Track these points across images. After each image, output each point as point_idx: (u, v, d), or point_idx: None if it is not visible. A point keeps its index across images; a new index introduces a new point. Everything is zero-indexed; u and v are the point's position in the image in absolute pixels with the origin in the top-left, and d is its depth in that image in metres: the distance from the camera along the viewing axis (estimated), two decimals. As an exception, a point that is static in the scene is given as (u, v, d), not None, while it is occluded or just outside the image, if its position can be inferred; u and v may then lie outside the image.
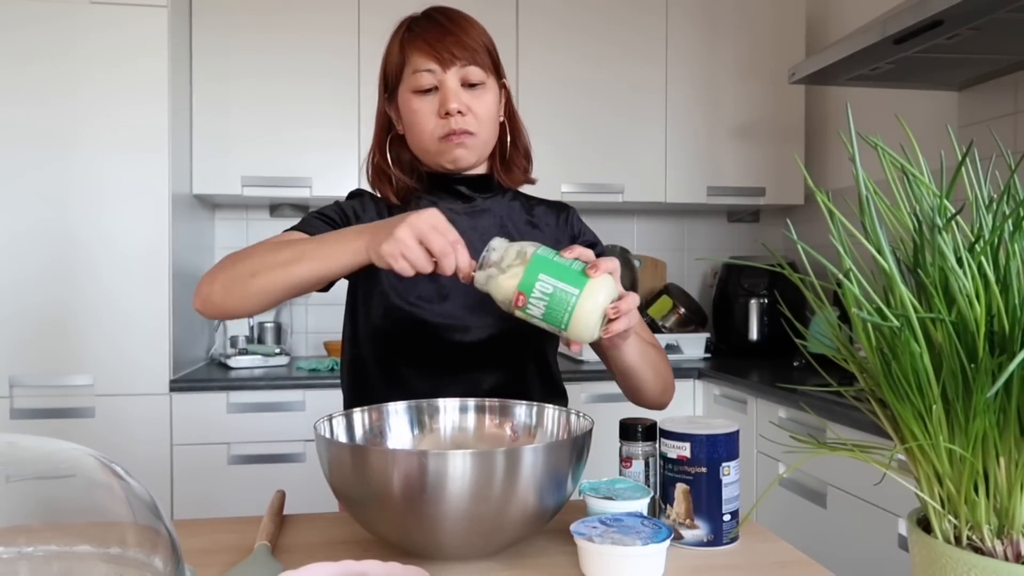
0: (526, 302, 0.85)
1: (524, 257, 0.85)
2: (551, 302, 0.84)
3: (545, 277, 0.84)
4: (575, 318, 0.84)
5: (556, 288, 0.84)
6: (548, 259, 0.85)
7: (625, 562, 0.75)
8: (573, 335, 0.86)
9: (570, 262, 0.85)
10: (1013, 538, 0.52)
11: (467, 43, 1.08)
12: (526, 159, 1.21)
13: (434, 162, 1.13)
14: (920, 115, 2.36)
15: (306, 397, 2.28)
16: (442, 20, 1.10)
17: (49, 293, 2.16)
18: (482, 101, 1.09)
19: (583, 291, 0.84)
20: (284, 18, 2.49)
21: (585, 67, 2.68)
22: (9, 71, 2.14)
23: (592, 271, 0.84)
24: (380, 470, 0.75)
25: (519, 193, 1.24)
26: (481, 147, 1.12)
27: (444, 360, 1.12)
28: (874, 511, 1.67)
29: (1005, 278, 0.51)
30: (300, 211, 2.84)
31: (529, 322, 0.87)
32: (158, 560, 0.50)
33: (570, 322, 0.84)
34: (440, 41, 1.07)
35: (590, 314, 0.84)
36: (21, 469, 0.50)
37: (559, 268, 0.85)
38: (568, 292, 0.83)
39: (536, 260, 0.85)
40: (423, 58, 1.07)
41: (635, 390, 1.10)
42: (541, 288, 0.84)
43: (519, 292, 0.84)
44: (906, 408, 0.54)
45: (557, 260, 0.85)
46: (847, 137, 0.57)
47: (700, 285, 3.16)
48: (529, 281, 0.84)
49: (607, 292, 0.85)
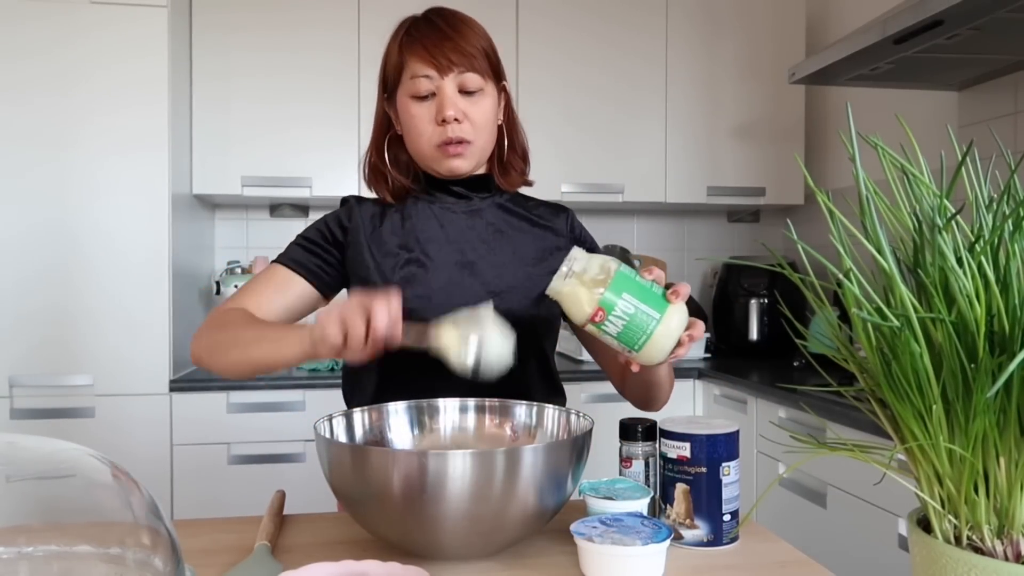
0: (604, 319, 0.83)
1: (608, 272, 0.84)
2: (630, 323, 0.83)
3: (629, 297, 0.83)
4: (651, 342, 0.83)
5: (638, 310, 0.83)
6: (631, 278, 0.84)
7: (625, 562, 0.75)
8: (644, 358, 0.85)
9: (651, 284, 0.84)
10: (1013, 538, 0.52)
11: (465, 49, 1.07)
12: (524, 161, 1.21)
13: (431, 168, 1.14)
14: (920, 115, 2.36)
15: (306, 397, 2.28)
16: (441, 24, 1.09)
17: (49, 293, 2.16)
18: (479, 108, 1.09)
19: (663, 316, 0.83)
20: (284, 17, 2.49)
21: (585, 67, 2.68)
22: (9, 70, 2.14)
23: (673, 296, 0.84)
24: (380, 470, 0.75)
25: (517, 193, 1.24)
26: (478, 154, 1.12)
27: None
28: (874, 511, 1.67)
29: (1005, 278, 0.51)
30: (300, 211, 2.84)
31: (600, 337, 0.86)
32: (158, 560, 0.50)
33: (645, 345, 0.84)
34: (438, 47, 1.07)
35: (668, 339, 0.83)
36: (21, 469, 0.50)
37: (642, 289, 0.83)
38: (649, 316, 0.83)
39: (619, 278, 0.83)
40: (421, 64, 1.07)
41: (648, 401, 1.11)
42: (623, 308, 0.82)
43: (600, 308, 0.83)
44: (906, 408, 0.54)
45: (639, 281, 0.84)
46: (847, 137, 0.57)
47: (700, 285, 3.16)
48: (612, 299, 0.83)
49: (681, 318, 0.85)
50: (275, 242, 2.82)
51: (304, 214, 2.85)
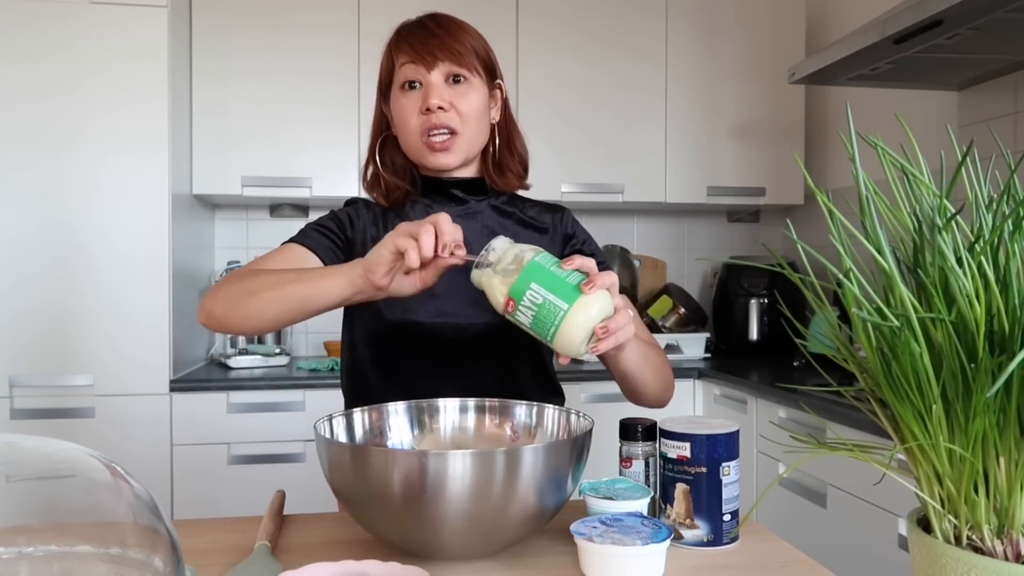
0: (515, 308, 0.84)
1: (520, 262, 0.84)
2: (539, 313, 0.83)
3: (537, 287, 0.83)
4: (561, 333, 0.83)
5: (546, 300, 0.82)
6: (544, 268, 0.84)
7: (625, 562, 0.75)
8: (559, 348, 0.85)
9: (567, 274, 0.84)
10: (1013, 538, 0.52)
11: (452, 46, 1.09)
12: (522, 166, 1.21)
13: (420, 163, 1.14)
14: (920, 115, 2.36)
15: (306, 397, 2.28)
16: (431, 25, 1.11)
17: (49, 293, 2.16)
18: (466, 99, 1.10)
19: (572, 306, 0.82)
20: (284, 18, 2.49)
21: (585, 67, 2.68)
22: (9, 71, 2.14)
23: (587, 287, 0.82)
24: (380, 470, 0.75)
25: (514, 195, 1.24)
26: (465, 146, 1.12)
27: (438, 358, 1.12)
28: (874, 511, 1.67)
29: (1005, 278, 0.51)
30: (300, 211, 2.84)
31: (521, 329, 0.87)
32: (158, 560, 0.50)
33: (556, 335, 0.83)
34: (424, 44, 1.08)
35: (577, 330, 0.83)
36: (21, 469, 0.50)
37: (553, 279, 0.83)
38: (557, 306, 0.82)
39: (531, 268, 0.83)
40: (408, 60, 1.09)
41: (635, 392, 1.10)
42: (531, 297, 0.83)
43: (509, 298, 0.84)
44: (906, 408, 0.54)
45: (553, 270, 0.84)
46: (847, 137, 0.57)
47: (700, 285, 3.16)
48: (520, 288, 0.83)
49: (599, 309, 0.83)
50: (275, 242, 2.79)
51: (304, 214, 2.85)
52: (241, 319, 0.97)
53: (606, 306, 0.84)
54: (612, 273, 0.85)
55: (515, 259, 0.85)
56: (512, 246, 0.87)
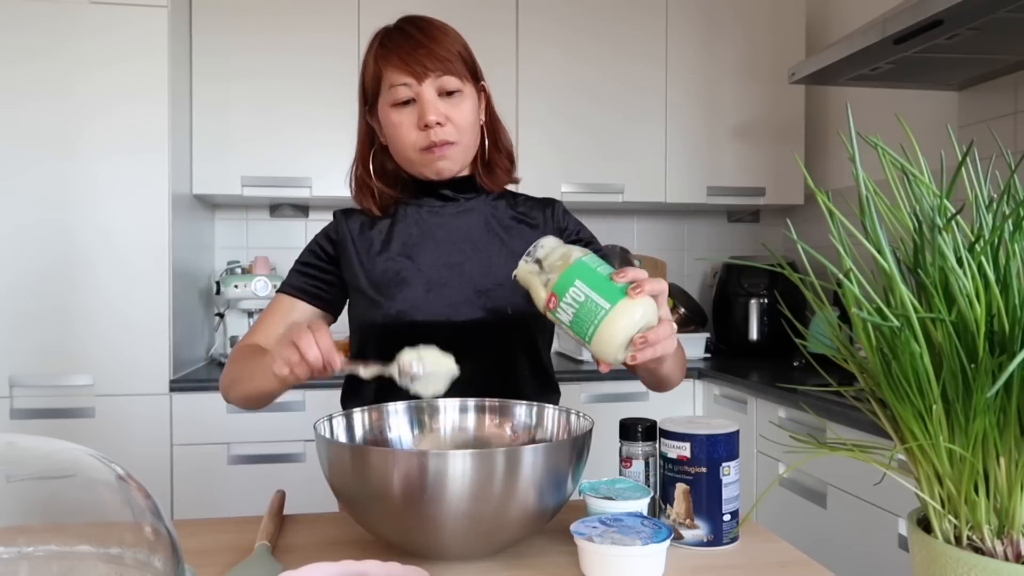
0: (557, 305, 0.82)
1: (567, 260, 0.83)
2: (580, 311, 0.81)
3: (581, 284, 0.81)
4: (600, 334, 0.80)
5: (588, 298, 0.80)
6: (589, 267, 0.82)
7: (625, 562, 0.75)
8: (596, 351, 0.82)
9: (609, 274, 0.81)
10: (1013, 538, 0.52)
11: (440, 54, 1.08)
12: (509, 160, 1.21)
13: (418, 172, 1.15)
14: (920, 115, 2.36)
15: (306, 397, 2.28)
16: (414, 32, 1.10)
17: (49, 293, 2.16)
18: (460, 109, 1.10)
19: (615, 307, 0.80)
20: (284, 18, 2.49)
21: (585, 67, 2.68)
22: (9, 71, 2.14)
23: (633, 290, 0.80)
24: (380, 470, 0.75)
25: (505, 191, 1.24)
26: (463, 154, 1.13)
27: None
28: (874, 511, 1.67)
29: (1005, 278, 0.51)
30: (300, 211, 2.84)
31: (561, 328, 0.85)
32: (158, 560, 0.50)
33: (594, 336, 0.80)
34: (412, 55, 1.08)
35: (617, 333, 0.80)
36: (21, 469, 0.50)
37: (598, 279, 0.81)
38: (599, 305, 0.80)
39: (577, 265, 0.82)
40: (398, 73, 1.08)
41: (659, 386, 1.10)
42: (574, 295, 0.81)
43: (552, 294, 0.82)
44: (906, 408, 0.54)
45: (599, 271, 0.82)
46: (847, 137, 0.57)
47: (700, 285, 3.16)
48: (564, 285, 0.81)
49: (642, 315, 0.81)
50: (275, 242, 2.82)
51: (304, 214, 2.85)
52: (237, 404, 1.14)
53: (650, 314, 0.82)
54: (663, 281, 0.84)
55: (562, 257, 0.84)
56: (560, 245, 0.86)
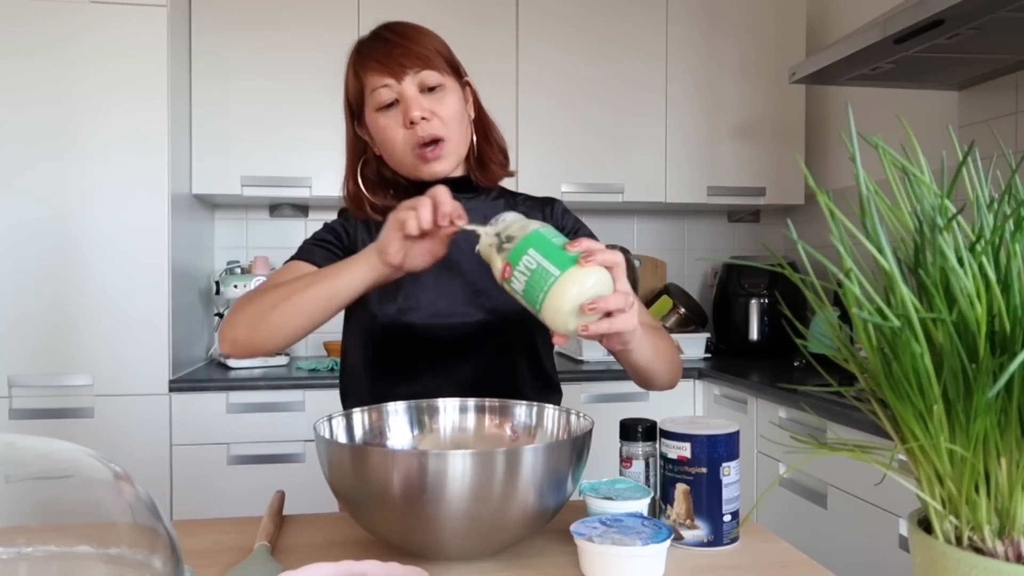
0: (511, 274, 0.83)
1: (522, 230, 0.84)
2: (531, 278, 0.81)
3: (534, 252, 0.81)
4: (548, 300, 0.80)
5: (540, 265, 0.81)
6: (544, 236, 0.83)
7: (625, 562, 0.75)
8: (547, 319, 0.82)
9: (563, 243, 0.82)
10: (1014, 538, 0.52)
11: (416, 51, 1.08)
12: (502, 154, 1.21)
13: (414, 176, 1.14)
14: (920, 115, 2.36)
15: (306, 397, 2.28)
16: (389, 36, 1.10)
17: (48, 293, 2.16)
18: (444, 103, 1.09)
19: (564, 274, 0.80)
20: (284, 17, 2.49)
21: (585, 66, 2.68)
22: (8, 70, 2.14)
23: (584, 258, 0.80)
24: (380, 470, 0.75)
25: (504, 191, 1.24)
26: (455, 150, 1.12)
27: (433, 357, 1.13)
28: (874, 511, 1.66)
29: (1006, 278, 0.51)
30: (300, 211, 2.84)
31: (516, 300, 0.85)
32: (158, 560, 0.50)
33: (544, 303, 0.80)
34: (389, 55, 1.08)
35: (565, 301, 0.80)
36: (20, 469, 0.50)
37: (551, 248, 0.82)
38: (549, 271, 0.80)
39: (532, 235, 0.83)
40: (377, 76, 1.08)
41: (647, 381, 1.10)
42: (527, 263, 0.81)
43: (507, 263, 0.83)
44: (907, 408, 0.54)
45: (554, 241, 0.83)
46: (847, 137, 0.57)
47: (700, 285, 3.16)
48: (518, 253, 0.82)
49: (594, 283, 0.80)
50: (275, 242, 2.82)
51: (304, 214, 2.85)
52: (268, 336, 0.96)
53: (603, 284, 0.81)
54: (618, 252, 0.83)
55: (520, 228, 0.85)
56: (520, 218, 0.87)
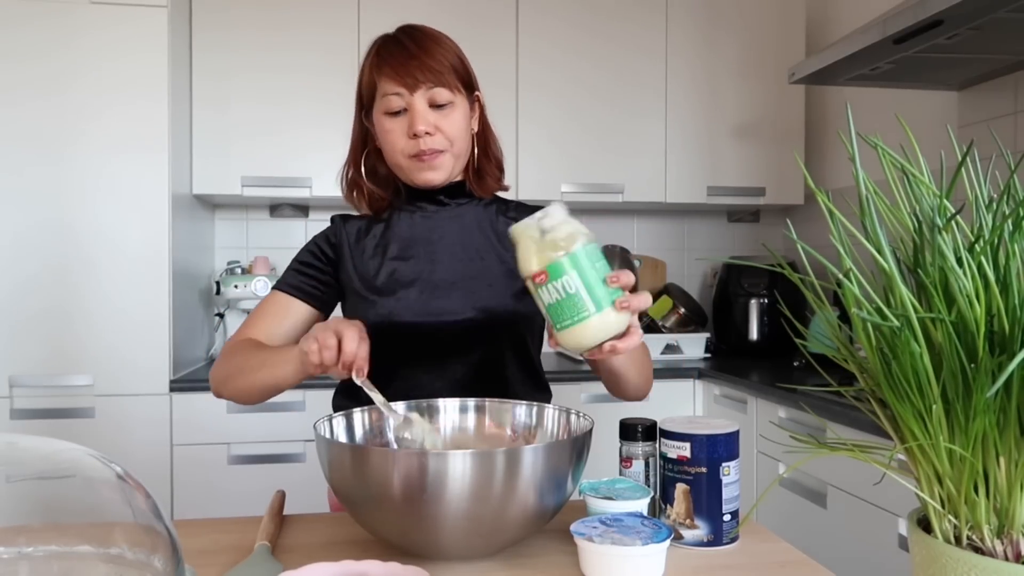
0: (544, 282, 0.81)
1: (572, 242, 0.81)
2: (564, 301, 0.80)
3: (575, 276, 0.80)
4: (573, 331, 0.81)
5: (577, 292, 0.80)
6: (591, 262, 0.81)
7: (625, 562, 0.75)
8: (563, 341, 0.83)
9: (604, 274, 0.82)
10: (1013, 538, 0.52)
11: (432, 66, 1.10)
12: (498, 169, 1.24)
13: (408, 179, 1.17)
14: (920, 115, 2.36)
15: (306, 397, 2.28)
16: (408, 43, 1.12)
17: (49, 293, 2.16)
18: (449, 120, 1.12)
19: (598, 315, 0.80)
20: (284, 17, 2.49)
21: (585, 66, 2.68)
22: (9, 70, 2.14)
23: (621, 304, 0.81)
24: (380, 470, 0.75)
25: (496, 198, 1.26)
26: (451, 163, 1.15)
27: (423, 355, 1.14)
28: (874, 511, 1.67)
29: (1005, 278, 0.51)
30: (300, 211, 2.84)
31: (534, 298, 0.84)
32: (158, 560, 0.50)
33: (567, 331, 0.81)
34: (405, 66, 1.10)
35: (590, 337, 0.81)
36: (21, 469, 0.50)
37: (592, 276, 0.81)
38: (584, 305, 0.80)
39: (581, 254, 0.81)
40: (390, 83, 1.11)
41: (616, 388, 1.11)
42: (565, 283, 0.80)
43: (545, 271, 0.81)
44: (906, 408, 0.54)
45: (596, 267, 0.81)
46: (847, 137, 0.57)
47: (700, 285, 3.16)
48: (559, 269, 0.80)
49: (618, 325, 0.82)
50: (275, 242, 2.82)
51: (304, 214, 2.85)
52: (233, 398, 1.12)
53: (624, 323, 0.83)
54: (648, 296, 0.84)
55: (568, 236, 0.82)
56: (568, 221, 0.83)
